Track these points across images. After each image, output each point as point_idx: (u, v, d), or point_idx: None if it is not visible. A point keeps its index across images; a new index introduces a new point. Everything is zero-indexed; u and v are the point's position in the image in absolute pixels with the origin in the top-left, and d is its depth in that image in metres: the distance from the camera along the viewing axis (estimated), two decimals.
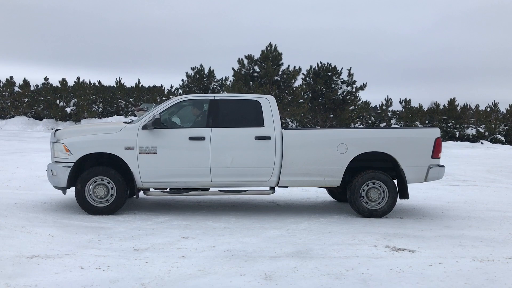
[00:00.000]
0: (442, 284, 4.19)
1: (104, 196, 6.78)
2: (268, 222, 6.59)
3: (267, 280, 4.19)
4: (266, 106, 7.13)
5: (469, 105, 38.20)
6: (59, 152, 6.78)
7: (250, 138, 6.95)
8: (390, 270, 4.55)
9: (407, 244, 5.55)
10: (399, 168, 7.17)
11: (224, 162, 6.89)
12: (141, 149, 6.76)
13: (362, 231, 6.18)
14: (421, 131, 7.70)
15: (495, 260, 5.00)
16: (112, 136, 6.83)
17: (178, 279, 4.17)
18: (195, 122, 7.25)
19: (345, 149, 7.03)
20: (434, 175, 7.29)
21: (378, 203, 7.17)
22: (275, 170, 7.01)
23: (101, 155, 6.86)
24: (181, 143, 6.85)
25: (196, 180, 6.97)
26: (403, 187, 7.21)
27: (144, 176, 6.81)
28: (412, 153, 7.17)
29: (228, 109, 7.15)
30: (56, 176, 6.77)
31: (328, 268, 4.56)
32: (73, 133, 6.99)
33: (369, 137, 7.22)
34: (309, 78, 33.17)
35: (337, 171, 7.09)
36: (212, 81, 34.28)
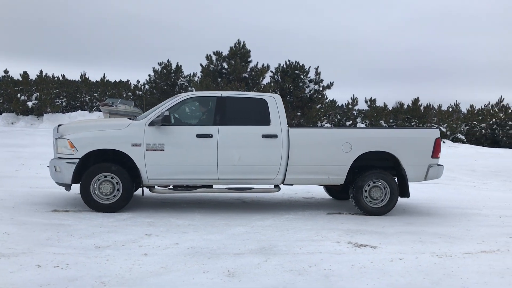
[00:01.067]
0: (401, 279, 4.27)
1: (110, 193, 6.68)
2: (233, 219, 6.57)
3: (230, 277, 4.17)
4: (273, 105, 7.17)
5: (432, 105, 39.24)
6: (63, 148, 6.64)
7: (257, 136, 6.97)
8: (352, 266, 4.61)
9: (369, 240, 5.65)
10: (400, 167, 7.31)
11: (231, 160, 6.89)
12: (148, 146, 6.70)
13: (326, 228, 6.25)
14: (421, 131, 7.98)
15: (453, 255, 5.14)
16: (119, 132, 6.74)
17: (140, 276, 4.10)
18: (202, 120, 7.22)
19: (349, 148, 7.16)
20: (434, 174, 7.46)
21: (379, 202, 7.30)
22: (281, 168, 7.05)
23: (105, 152, 6.74)
24: (189, 140, 6.82)
25: (202, 178, 6.94)
26: (404, 186, 7.35)
27: (151, 173, 6.74)
28: (413, 152, 7.33)
29: (235, 107, 7.11)
30: (60, 172, 6.63)
31: (291, 264, 4.58)
32: (77, 129, 6.84)
33: (373, 137, 7.36)
34: (278, 76, 33.29)
35: (342, 170, 7.20)
36: (180, 77, 33.93)
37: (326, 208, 7.71)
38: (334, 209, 7.70)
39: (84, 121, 8.24)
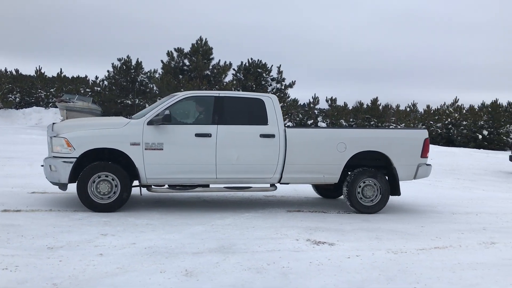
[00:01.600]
0: (358, 275, 4.35)
1: (107, 193, 6.58)
2: (193, 218, 6.50)
3: (187, 276, 4.12)
4: (270, 105, 7.23)
5: (390, 104, 40.27)
6: (60, 147, 6.50)
7: (255, 136, 7.03)
8: (310, 263, 4.65)
9: (327, 238, 5.71)
10: (391, 167, 7.51)
11: (229, 159, 6.92)
12: (147, 145, 6.65)
13: (285, 225, 6.28)
14: (411, 132, 8.19)
15: (408, 251, 5.27)
16: (117, 131, 6.67)
17: (94, 277, 3.99)
18: (200, 119, 7.21)
19: (344, 148, 7.30)
20: (423, 173, 7.69)
21: (371, 200, 7.48)
22: (278, 167, 7.14)
23: (101, 151, 6.63)
24: (188, 139, 6.81)
25: (201, 177, 6.96)
26: (395, 185, 7.56)
27: (149, 172, 6.69)
28: (404, 152, 7.54)
29: (232, 106, 7.18)
30: (56, 171, 6.49)
31: (250, 263, 4.58)
32: (74, 128, 6.72)
33: (366, 137, 7.56)
34: (240, 74, 33.28)
35: (336, 169, 7.35)
36: (140, 73, 33.34)
37: (286, 206, 7.76)
38: (294, 207, 7.76)
39: (79, 120, 8.10)
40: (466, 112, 35.46)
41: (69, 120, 7.77)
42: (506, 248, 5.63)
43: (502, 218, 7.61)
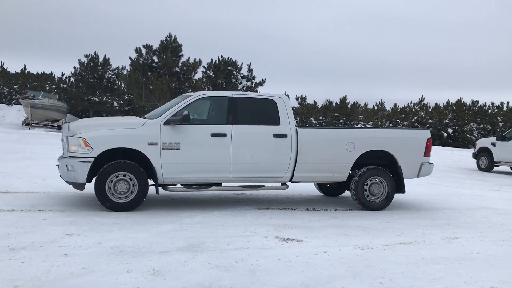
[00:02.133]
0: (325, 271, 4.40)
1: (125, 192, 6.61)
2: (161, 217, 6.44)
3: (155, 276, 4.08)
4: (281, 105, 7.38)
5: (359, 103, 40.89)
6: (77, 147, 6.52)
7: (268, 136, 7.18)
8: (278, 260, 4.67)
9: (296, 235, 5.76)
10: (396, 165, 7.77)
11: (244, 159, 7.05)
12: (164, 144, 6.72)
13: (254, 223, 6.29)
14: (415, 132, 8.47)
15: (374, 247, 5.37)
16: (134, 131, 6.72)
17: (58, 279, 3.90)
18: (215, 119, 7.32)
19: (352, 147, 7.53)
20: (425, 171, 8.00)
21: (377, 197, 7.72)
22: (290, 166, 7.29)
23: (116, 151, 6.65)
24: (204, 139, 6.91)
25: (216, 176, 7.06)
26: (399, 182, 7.80)
27: (166, 172, 6.77)
28: (408, 151, 7.83)
29: (245, 107, 7.28)
30: (73, 171, 6.49)
31: (218, 261, 4.57)
32: (91, 127, 6.73)
33: (373, 137, 7.82)
34: (210, 71, 33.13)
35: (345, 168, 7.60)
36: (108, 70, 32.74)
37: (256, 204, 7.78)
38: (263, 204, 7.78)
39: (95, 119, 8.08)
40: (432, 110, 36.37)
41: (84, 119, 7.77)
42: (468, 242, 5.80)
43: (465, 213, 7.84)
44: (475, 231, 6.47)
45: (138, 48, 28.42)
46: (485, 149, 16.63)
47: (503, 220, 7.42)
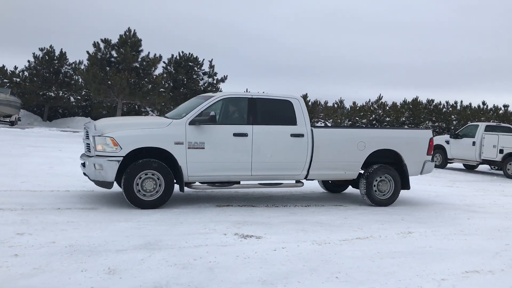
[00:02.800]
0: (283, 267, 4.43)
1: (152, 190, 6.79)
2: (118, 215, 6.31)
3: (110, 275, 3.99)
4: (298, 106, 7.72)
5: (319, 101, 41.41)
6: (105, 146, 6.64)
7: (286, 135, 7.50)
8: (237, 257, 4.67)
9: (255, 231, 5.78)
10: (402, 163, 8.23)
11: (263, 157, 7.35)
12: (189, 144, 6.94)
13: (213, 220, 6.26)
14: (419, 132, 8.94)
15: (331, 242, 5.46)
16: (162, 130, 6.91)
17: (7, 280, 3.74)
18: (236, 119, 7.53)
19: (363, 147, 7.95)
20: (428, 169, 8.50)
21: (385, 194, 8.16)
22: (306, 164, 7.64)
23: (139, 150, 6.77)
24: (226, 138, 7.17)
25: (237, 174, 7.32)
26: (405, 179, 8.24)
27: (191, 170, 6.98)
28: (413, 150, 8.31)
29: (264, 107, 7.57)
30: (102, 170, 6.59)
31: (176, 259, 4.52)
32: (118, 127, 6.87)
33: (382, 136, 8.28)
34: (170, 67, 32.74)
35: (356, 166, 8.01)
36: (64, 64, 31.78)
37: (215, 201, 7.75)
38: (223, 201, 7.77)
39: (120, 119, 8.18)
40: (389, 108, 37.30)
41: (108, 119, 7.81)
42: (421, 237, 5.99)
43: (419, 209, 8.10)
44: (428, 225, 6.69)
45: (96, 43, 27.74)
46: (439, 147, 17.21)
47: (454, 215, 7.71)
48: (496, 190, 11.70)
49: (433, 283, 4.20)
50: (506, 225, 7.03)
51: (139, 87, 27.73)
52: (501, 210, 8.43)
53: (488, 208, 8.57)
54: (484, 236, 6.19)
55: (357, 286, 4.04)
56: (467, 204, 8.85)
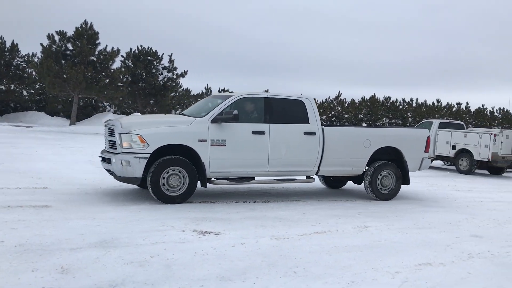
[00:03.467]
0: (241, 263, 4.43)
1: (177, 186, 7.04)
2: (72, 212, 6.12)
3: (63, 274, 3.86)
4: (309, 106, 8.14)
5: None
6: (131, 143, 6.88)
7: (300, 133, 7.92)
8: (195, 254, 4.63)
9: (214, 227, 5.74)
10: (403, 160, 8.79)
11: (279, 154, 7.73)
12: (212, 141, 7.25)
13: (172, 217, 6.18)
14: (417, 131, 9.44)
15: (290, 237, 5.50)
16: (186, 128, 7.18)
17: None
18: (254, 118, 7.78)
19: (369, 144, 8.47)
20: (425, 165, 9.13)
21: (388, 189, 8.71)
22: (317, 161, 8.08)
23: (163, 147, 6.99)
24: (246, 136, 7.50)
25: (255, 170, 7.67)
26: (405, 175, 8.84)
27: (213, 166, 7.28)
28: (412, 148, 8.89)
29: (279, 107, 7.92)
30: (129, 166, 6.81)
31: (132, 256, 4.43)
32: (145, 125, 7.11)
33: (386, 135, 8.86)
34: (129, 61, 32.07)
35: (362, 162, 8.52)
36: (16, 56, 30.52)
37: None
38: None
39: (143, 117, 8.34)
40: (348, 105, 37.98)
41: (131, 116, 7.97)
42: (377, 231, 6.13)
43: (375, 204, 8.29)
44: (384, 220, 6.86)
45: (51, 35, 26.80)
46: None
47: (409, 209, 7.94)
48: (449, 185, 12.14)
49: (388, 276, 4.31)
50: (458, 218, 7.30)
51: (96, 81, 27.01)
52: (453, 204, 8.75)
53: (441, 203, 8.88)
54: (436, 230, 6.41)
55: (314, 280, 4.08)
56: (421, 199, 9.14)
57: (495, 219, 7.46)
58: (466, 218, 7.39)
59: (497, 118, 42.39)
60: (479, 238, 6.02)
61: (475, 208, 8.50)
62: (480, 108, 42.59)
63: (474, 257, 5.12)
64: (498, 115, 42.81)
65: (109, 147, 7.47)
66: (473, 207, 8.61)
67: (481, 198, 9.82)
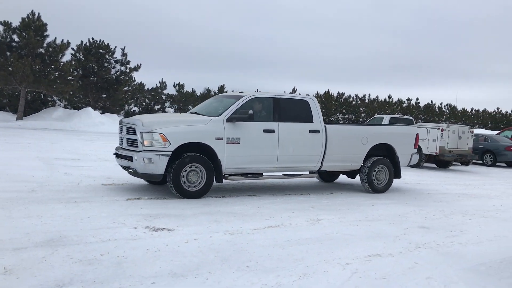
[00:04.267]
0: (194, 259, 4.39)
1: (195, 182, 7.39)
2: (18, 211, 5.87)
3: (6, 275, 3.70)
4: (313, 105, 8.70)
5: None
6: (154, 141, 7.17)
7: (306, 132, 8.45)
8: (147, 251, 4.56)
9: (167, 224, 5.67)
10: (395, 155, 9.53)
11: (287, 151, 8.21)
12: (228, 139, 7.63)
13: (124, 214, 6.06)
14: (407, 129, 10.16)
15: (244, 232, 5.51)
16: (204, 127, 7.54)
17: None
18: (264, 117, 8.20)
19: (366, 141, 9.12)
20: (414, 160, 9.91)
21: (382, 182, 9.36)
22: (320, 157, 8.64)
23: (182, 145, 7.29)
24: (258, 134, 7.93)
25: (266, 166, 8.11)
26: (396, 170, 9.59)
27: (229, 163, 7.67)
28: (403, 144, 9.66)
29: (286, 106, 8.40)
30: (153, 163, 7.11)
31: (81, 255, 4.30)
32: (165, 124, 7.37)
33: (381, 132, 9.47)
34: (80, 54, 31.11)
35: (360, 158, 9.16)
36: None
37: (126, 194, 7.50)
38: (135, 194, 7.54)
39: (161, 116, 8.62)
40: None
41: (152, 116, 8.27)
42: (329, 223, 6.25)
43: (327, 197, 8.46)
44: (336, 213, 7.00)
45: None
46: None
47: (360, 202, 8.15)
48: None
49: (339, 268, 4.40)
50: (406, 210, 7.56)
51: (44, 75, 26.00)
52: (402, 197, 9.05)
53: (390, 195, 9.16)
54: (386, 222, 6.61)
55: (267, 273, 4.11)
56: (372, 192, 9.39)
57: (441, 210, 7.78)
58: (414, 210, 7.66)
59: (444, 113, 44.24)
60: (426, 229, 6.25)
61: (423, 200, 8.83)
62: (429, 104, 44.28)
63: (421, 247, 5.32)
64: (446, 111, 44.68)
65: (128, 145, 7.68)
66: (421, 199, 8.94)
67: (428, 191, 10.21)
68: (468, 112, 45.07)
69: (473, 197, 9.60)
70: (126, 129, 7.75)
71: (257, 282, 3.89)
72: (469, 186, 11.72)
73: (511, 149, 19.12)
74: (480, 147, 19.72)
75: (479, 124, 43.08)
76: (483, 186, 11.91)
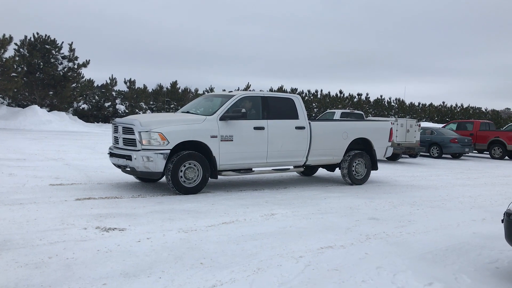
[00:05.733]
0: (147, 258, 4.32)
1: (192, 178, 7.69)
2: None
3: None
4: (298, 103, 9.17)
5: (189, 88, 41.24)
6: (153, 140, 7.40)
7: (292, 128, 8.91)
8: (98, 251, 4.44)
9: (118, 223, 5.54)
10: (372, 149, 10.22)
11: (276, 147, 8.66)
12: (222, 137, 7.97)
13: (73, 215, 5.87)
14: (383, 123, 10.78)
15: (198, 229, 5.47)
16: (200, 126, 7.83)
17: None
18: (254, 115, 8.56)
19: (346, 136, 9.75)
20: (388, 152, 10.62)
21: (360, 175, 9.99)
22: (306, 152, 9.16)
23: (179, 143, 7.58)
24: (249, 132, 8.31)
25: (256, 162, 8.52)
26: (373, 162, 10.29)
27: (222, 160, 8.02)
28: (379, 138, 10.33)
29: (273, 104, 8.80)
30: (151, 162, 7.36)
31: (28, 258, 4.13)
32: (163, 123, 7.60)
33: (359, 127, 10.10)
34: (24, 49, 29.82)
35: (341, 152, 9.77)
36: None
37: (75, 194, 7.27)
38: (84, 194, 7.32)
39: (158, 116, 8.70)
40: None
41: (146, 115, 8.49)
42: (283, 218, 6.31)
43: (281, 192, 8.55)
44: (290, 207, 7.08)
45: None
46: None
47: (313, 195, 8.28)
48: None
49: (292, 261, 4.45)
50: (357, 203, 7.76)
51: None
52: (353, 190, 9.28)
53: (342, 188, 9.37)
54: (338, 214, 6.75)
55: (221, 270, 4.10)
56: (324, 185, 9.57)
57: (391, 202, 8.03)
58: (365, 202, 7.88)
59: (393, 107, 45.66)
60: (376, 221, 6.44)
61: (373, 192, 9.08)
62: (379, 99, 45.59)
63: (371, 238, 5.47)
64: (395, 105, 46.13)
65: (124, 144, 7.80)
66: (371, 191, 9.20)
67: (378, 183, 10.52)
68: (416, 106, 46.76)
69: (421, 188, 9.98)
70: (123, 129, 7.87)
71: (211, 279, 3.87)
72: (416, 177, 12.17)
73: (456, 141, 20.00)
74: (427, 140, 20.50)
75: (426, 118, 44.80)
76: (430, 177, 12.40)
